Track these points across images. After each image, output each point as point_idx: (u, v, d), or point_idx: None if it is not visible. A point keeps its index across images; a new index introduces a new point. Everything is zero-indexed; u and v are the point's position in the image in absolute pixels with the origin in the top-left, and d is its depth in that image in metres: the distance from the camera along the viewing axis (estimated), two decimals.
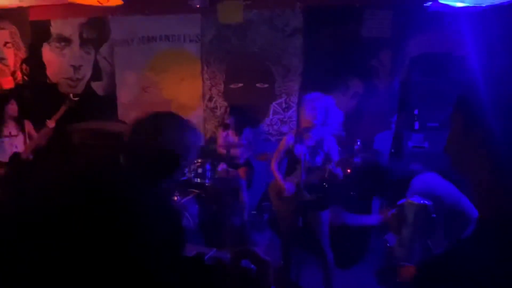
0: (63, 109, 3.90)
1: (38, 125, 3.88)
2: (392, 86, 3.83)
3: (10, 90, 5.04)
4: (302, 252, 3.36)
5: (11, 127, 3.81)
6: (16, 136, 3.80)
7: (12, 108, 3.78)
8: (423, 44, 3.60)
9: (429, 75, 3.53)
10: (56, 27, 5.06)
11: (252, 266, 0.67)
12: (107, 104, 4.88)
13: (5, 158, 3.72)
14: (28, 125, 3.90)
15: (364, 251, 3.58)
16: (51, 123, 3.82)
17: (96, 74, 4.99)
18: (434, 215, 1.67)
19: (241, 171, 4.03)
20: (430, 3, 2.86)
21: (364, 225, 2.60)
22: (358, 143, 3.16)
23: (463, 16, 3.10)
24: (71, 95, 3.64)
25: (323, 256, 3.06)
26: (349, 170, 3.12)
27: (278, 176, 3.10)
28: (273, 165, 3.16)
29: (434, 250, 1.72)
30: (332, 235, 3.11)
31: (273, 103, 4.37)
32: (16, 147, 3.76)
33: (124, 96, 4.92)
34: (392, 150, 3.74)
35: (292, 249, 3.24)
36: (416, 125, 3.42)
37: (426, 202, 1.71)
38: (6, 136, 3.79)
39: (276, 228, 3.76)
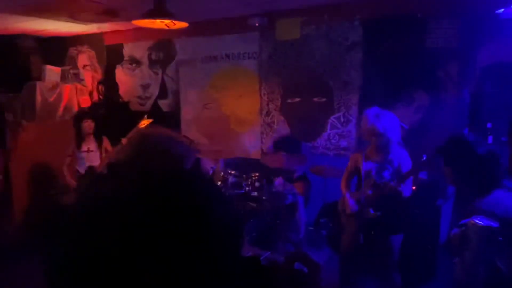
0: (137, 128, 4.22)
1: (114, 141, 4.22)
2: (461, 98, 3.56)
3: (88, 108, 5.57)
4: (363, 274, 3.18)
5: (90, 143, 4.21)
6: (94, 151, 4.18)
7: (89, 125, 4.18)
8: (494, 53, 3.32)
9: (503, 86, 3.24)
10: (128, 50, 5.53)
11: (304, 268, 0.68)
12: (171, 121, 5.18)
13: (83, 171, 4.11)
14: (106, 141, 4.28)
15: (432, 273, 3.32)
16: (125, 141, 4.15)
17: (163, 92, 5.34)
18: (501, 238, 1.49)
19: (298, 186, 4.00)
20: (502, 10, 2.65)
21: None
22: (424, 158, 2.97)
23: None
24: (145, 116, 3.88)
25: (389, 283, 2.89)
26: (414, 188, 2.95)
27: (344, 192, 3.04)
28: (342, 182, 3.11)
29: (505, 272, 1.54)
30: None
31: (331, 117, 4.30)
32: (92, 161, 4.13)
33: (187, 112, 5.19)
34: None
35: (352, 270, 3.10)
36: (490, 140, 3.15)
37: (493, 224, 1.53)
38: (84, 151, 4.19)
39: (335, 246, 3.64)
